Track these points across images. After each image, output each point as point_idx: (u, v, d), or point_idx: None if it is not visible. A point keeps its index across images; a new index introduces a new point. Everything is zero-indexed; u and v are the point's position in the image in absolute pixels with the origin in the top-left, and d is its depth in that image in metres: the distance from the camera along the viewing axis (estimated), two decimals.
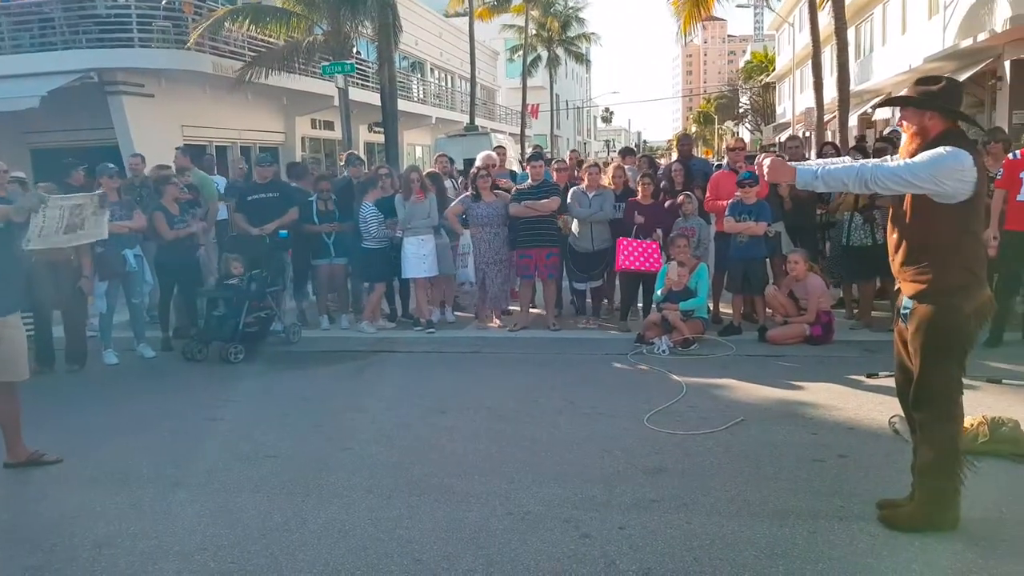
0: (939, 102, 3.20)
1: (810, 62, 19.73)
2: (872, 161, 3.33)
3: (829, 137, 19.90)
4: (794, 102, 32.86)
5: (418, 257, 7.71)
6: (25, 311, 6.29)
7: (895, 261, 3.35)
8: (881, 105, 4.23)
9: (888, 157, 3.35)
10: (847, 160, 3.50)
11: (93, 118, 13.73)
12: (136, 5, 14.08)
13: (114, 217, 6.87)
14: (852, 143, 14.85)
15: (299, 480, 4.18)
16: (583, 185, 7.83)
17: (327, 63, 15.06)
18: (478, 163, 8.99)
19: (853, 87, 19.04)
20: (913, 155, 3.17)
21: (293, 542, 3.48)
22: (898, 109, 3.42)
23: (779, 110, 43.18)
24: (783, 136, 34.86)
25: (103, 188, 6.57)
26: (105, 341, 7.15)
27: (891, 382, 5.48)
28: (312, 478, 4.20)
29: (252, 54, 16.09)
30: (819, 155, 8.68)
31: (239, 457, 4.57)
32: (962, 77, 14.98)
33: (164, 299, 7.64)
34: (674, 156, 9.58)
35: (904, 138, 3.36)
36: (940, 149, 3.08)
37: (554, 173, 8.37)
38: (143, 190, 8.20)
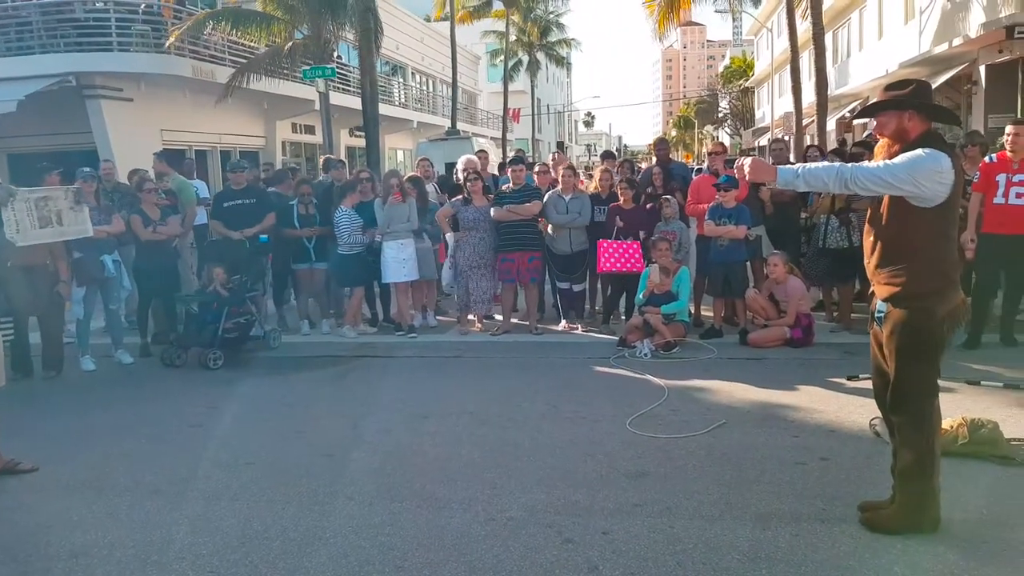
0: (916, 101, 3.23)
1: (789, 67, 19.93)
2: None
3: (808, 141, 20.11)
4: (773, 106, 33.19)
5: (398, 261, 7.68)
6: (4, 317, 6.22)
7: (870, 264, 3.36)
8: (859, 116, 4.40)
9: (865, 162, 3.38)
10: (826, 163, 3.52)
11: (71, 122, 13.59)
12: (115, 9, 13.96)
13: (92, 222, 6.80)
14: (834, 146, 15.03)
15: (279, 487, 4.14)
16: (559, 188, 7.83)
17: (308, 67, 14.99)
18: (459, 167, 8.98)
19: (831, 91, 19.30)
20: (892, 158, 3.19)
21: (273, 550, 3.44)
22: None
23: (758, 114, 43.60)
24: (763, 140, 35.18)
25: (82, 188, 6.48)
26: (82, 347, 7.05)
27: (871, 384, 5.56)
28: (292, 485, 4.16)
29: (232, 58, 15.98)
30: (804, 158, 8.76)
31: (218, 464, 4.51)
32: (938, 82, 15.22)
33: (143, 305, 7.55)
34: (654, 160, 9.62)
35: (879, 144, 3.38)
36: (919, 151, 3.10)
37: (536, 177, 8.37)
38: (115, 195, 8.11)
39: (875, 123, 3.34)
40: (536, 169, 8.48)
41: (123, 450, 4.82)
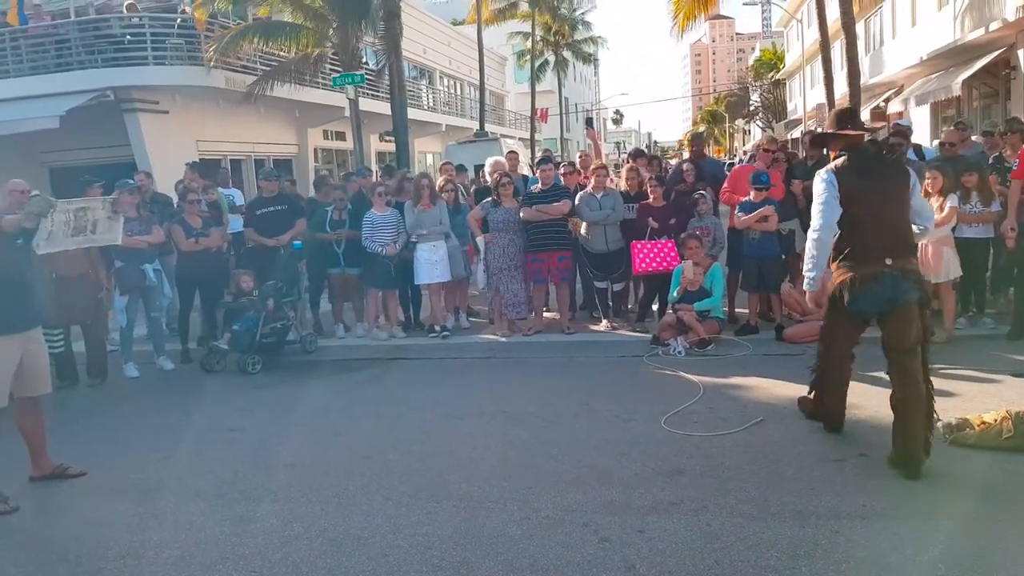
0: (823, 132, 4.52)
1: (820, 57, 19.57)
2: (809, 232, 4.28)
3: None
4: (805, 98, 32.65)
5: (430, 263, 7.74)
6: (54, 327, 6.40)
7: None
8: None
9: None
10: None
11: (110, 136, 13.91)
12: (150, 24, 14.26)
13: (133, 232, 6.98)
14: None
15: (318, 488, 4.21)
16: (590, 187, 7.81)
17: (338, 75, 15.17)
18: (487, 169, 9.01)
19: (865, 81, 18.89)
20: None
21: (314, 550, 3.50)
22: (911, 104, 3.82)
23: (790, 107, 42.95)
24: (796, 132, 34.60)
25: (120, 201, 6.65)
26: (126, 355, 7.23)
27: None
28: (331, 486, 4.23)
29: (264, 68, 16.24)
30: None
31: (258, 467, 4.60)
32: (974, 68, 14.86)
33: (183, 312, 7.71)
34: (685, 155, 9.51)
35: None
36: (815, 185, 4.20)
37: (562, 177, 8.35)
38: (153, 205, 8.30)
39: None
40: (562, 170, 8.45)
41: (167, 454, 4.94)
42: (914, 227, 4.21)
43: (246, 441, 5.15)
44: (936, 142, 11.34)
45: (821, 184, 4.11)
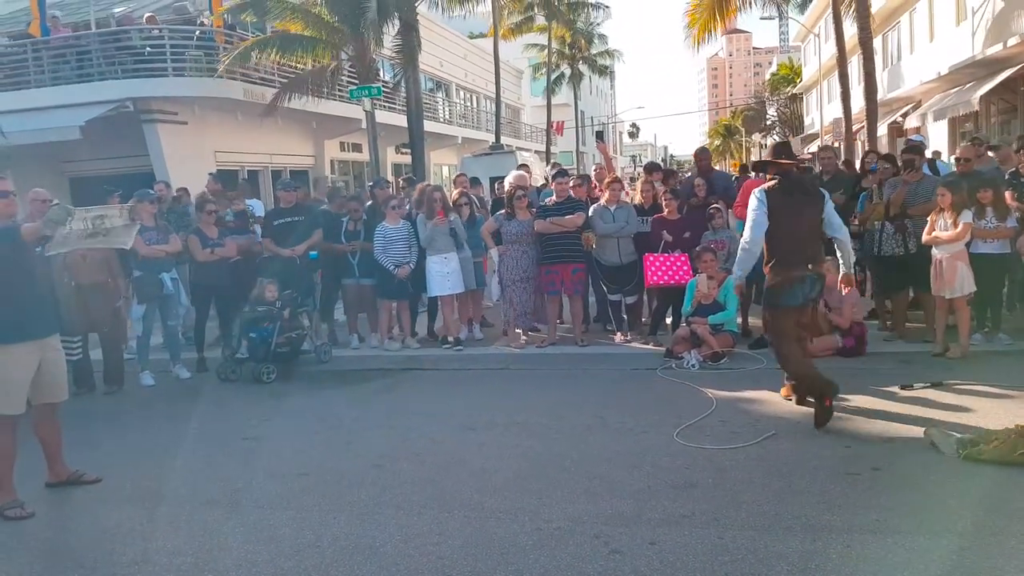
0: (761, 161, 5.60)
1: (837, 72, 19.56)
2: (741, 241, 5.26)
3: (860, 147, 19.67)
4: (822, 113, 32.58)
5: (442, 275, 7.78)
6: (73, 335, 6.48)
7: None
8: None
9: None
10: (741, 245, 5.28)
11: (129, 146, 14.09)
12: (169, 36, 14.48)
13: (151, 242, 7.07)
14: (885, 151, 14.64)
15: (331, 497, 4.24)
16: (603, 200, 7.84)
17: (354, 87, 15.32)
18: (508, 182, 9.05)
19: (882, 96, 18.82)
20: None
21: (325, 559, 3.52)
22: (928, 120, 3.92)
23: (807, 121, 42.83)
24: (813, 147, 34.49)
25: (137, 209, 6.74)
26: (142, 363, 7.30)
27: (926, 394, 5.47)
28: (343, 495, 4.25)
29: (282, 80, 16.43)
30: (862, 163, 8.74)
31: (272, 475, 4.63)
32: (992, 83, 14.79)
33: (199, 321, 7.78)
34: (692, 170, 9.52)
35: None
36: (750, 202, 5.14)
37: (571, 189, 8.35)
38: (170, 215, 8.39)
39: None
40: (571, 183, 8.45)
41: (181, 462, 4.98)
42: (836, 240, 5.31)
43: (260, 450, 5.19)
44: (932, 155, 11.28)
45: (755, 201, 5.08)
